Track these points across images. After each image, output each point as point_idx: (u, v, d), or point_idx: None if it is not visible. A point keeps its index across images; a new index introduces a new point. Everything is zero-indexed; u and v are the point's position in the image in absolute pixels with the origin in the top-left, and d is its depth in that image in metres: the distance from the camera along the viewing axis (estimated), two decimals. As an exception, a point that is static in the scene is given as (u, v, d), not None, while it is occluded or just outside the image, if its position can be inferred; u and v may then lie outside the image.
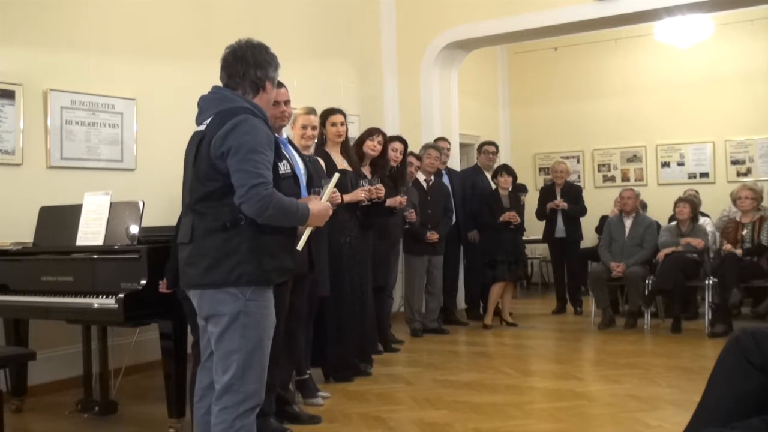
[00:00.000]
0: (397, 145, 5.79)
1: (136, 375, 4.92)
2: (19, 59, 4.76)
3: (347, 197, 4.62)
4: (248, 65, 2.62)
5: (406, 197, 5.63)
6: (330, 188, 2.87)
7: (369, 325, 5.13)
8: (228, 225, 2.49)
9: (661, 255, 6.53)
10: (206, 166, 2.52)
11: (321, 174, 4.28)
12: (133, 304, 3.46)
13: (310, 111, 4.31)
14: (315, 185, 3.38)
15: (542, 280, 10.20)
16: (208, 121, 2.57)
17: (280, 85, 3.59)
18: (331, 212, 2.80)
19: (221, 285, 2.49)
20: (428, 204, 6.45)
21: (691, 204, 6.76)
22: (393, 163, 5.71)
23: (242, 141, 2.44)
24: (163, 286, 3.41)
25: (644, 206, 7.85)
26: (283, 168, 2.67)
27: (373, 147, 5.18)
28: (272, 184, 2.47)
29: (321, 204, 2.73)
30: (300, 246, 2.72)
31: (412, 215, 6.05)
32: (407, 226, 6.12)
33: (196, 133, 2.63)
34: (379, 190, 4.80)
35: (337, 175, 2.99)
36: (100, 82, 5.16)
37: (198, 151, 2.57)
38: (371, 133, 5.24)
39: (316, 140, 4.46)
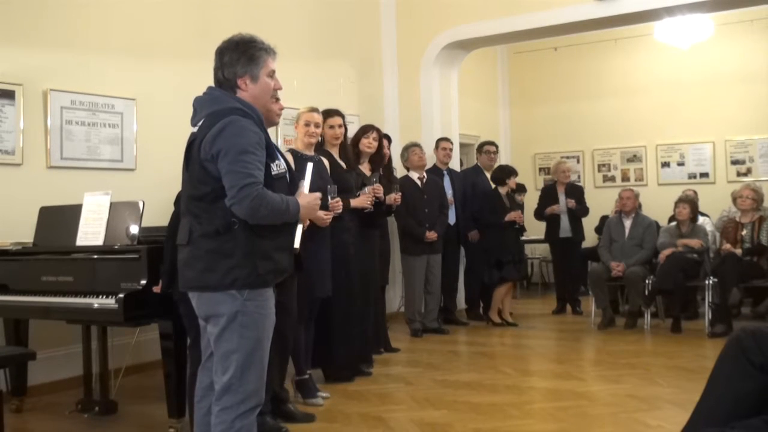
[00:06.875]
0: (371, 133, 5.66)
1: (136, 375, 4.92)
2: (19, 59, 4.76)
3: (354, 203, 4.63)
4: (224, 64, 2.61)
5: (400, 194, 5.60)
6: (308, 179, 2.80)
7: (370, 325, 5.12)
8: (220, 230, 2.47)
9: (662, 256, 6.53)
10: (198, 169, 2.51)
11: (324, 174, 4.26)
12: (133, 304, 3.47)
13: (313, 109, 4.34)
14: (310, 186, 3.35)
15: (542, 280, 10.19)
16: (200, 122, 2.57)
17: None
18: (319, 202, 2.74)
19: (216, 288, 2.49)
20: (424, 203, 6.39)
21: (691, 204, 6.76)
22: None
23: (231, 143, 2.42)
24: (157, 289, 3.42)
25: (639, 206, 7.82)
26: (276, 168, 2.63)
27: (368, 144, 5.18)
28: (263, 183, 2.45)
29: (308, 195, 2.69)
30: (297, 245, 2.68)
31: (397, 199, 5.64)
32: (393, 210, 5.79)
33: (191, 135, 2.63)
34: (378, 189, 4.81)
35: (311, 165, 2.94)
36: (100, 82, 5.16)
37: (191, 153, 2.57)
38: (365, 130, 5.25)
39: (319, 139, 4.46)
